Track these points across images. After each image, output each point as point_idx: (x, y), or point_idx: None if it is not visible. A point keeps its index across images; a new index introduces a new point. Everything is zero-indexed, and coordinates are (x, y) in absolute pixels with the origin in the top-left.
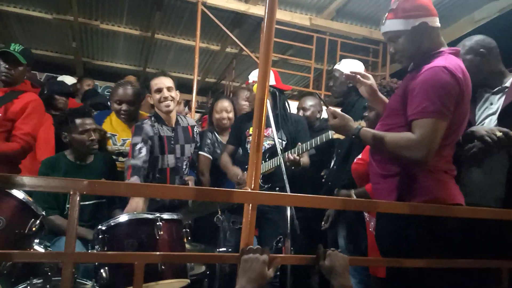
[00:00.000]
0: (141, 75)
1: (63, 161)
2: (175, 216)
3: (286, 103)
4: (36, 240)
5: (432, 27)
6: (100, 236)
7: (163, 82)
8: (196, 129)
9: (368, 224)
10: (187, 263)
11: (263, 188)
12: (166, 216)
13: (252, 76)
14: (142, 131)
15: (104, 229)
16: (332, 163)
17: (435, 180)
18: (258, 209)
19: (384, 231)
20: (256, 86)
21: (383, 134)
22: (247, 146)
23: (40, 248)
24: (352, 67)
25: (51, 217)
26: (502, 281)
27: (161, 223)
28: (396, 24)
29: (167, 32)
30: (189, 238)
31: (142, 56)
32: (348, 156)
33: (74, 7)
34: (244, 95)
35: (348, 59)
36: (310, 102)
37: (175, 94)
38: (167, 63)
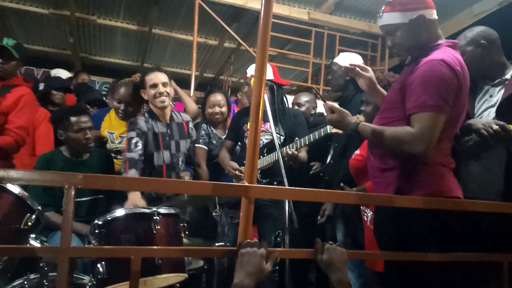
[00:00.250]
0: (138, 70)
1: (59, 157)
2: (172, 211)
3: (284, 98)
4: (32, 235)
5: (429, 20)
6: (97, 231)
7: (158, 78)
8: (191, 124)
9: (365, 218)
10: (184, 258)
11: (261, 183)
12: (163, 210)
13: (250, 70)
14: (136, 126)
15: (101, 223)
16: (329, 157)
17: (433, 173)
18: (256, 204)
19: (383, 225)
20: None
21: (382, 129)
22: (246, 140)
23: (36, 243)
24: (350, 60)
25: (47, 213)
26: (502, 274)
27: (158, 218)
28: (393, 17)
29: (164, 27)
30: (186, 233)
31: (139, 51)
32: (345, 151)
33: (71, 2)
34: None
35: (346, 53)
36: (305, 98)
37: (170, 90)
38: (165, 58)
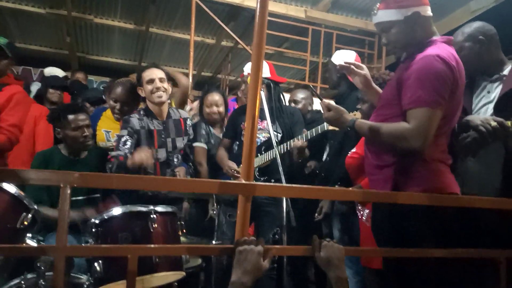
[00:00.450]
0: (136, 69)
1: (57, 155)
2: (169, 209)
3: (282, 96)
4: (28, 235)
5: (424, 17)
6: (94, 230)
7: (155, 73)
8: (189, 121)
9: (360, 216)
10: (182, 256)
11: (259, 181)
12: (160, 208)
13: (247, 68)
14: (128, 124)
15: (98, 222)
16: (325, 155)
17: (430, 169)
18: (255, 202)
19: (381, 222)
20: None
21: (379, 125)
22: (243, 138)
23: (32, 243)
24: (344, 57)
25: (41, 208)
26: (500, 270)
27: (155, 216)
28: (388, 15)
29: (161, 25)
30: (184, 231)
31: (137, 50)
32: (342, 148)
33: (67, 2)
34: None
35: (342, 50)
36: (301, 95)
37: (167, 86)
38: (162, 57)
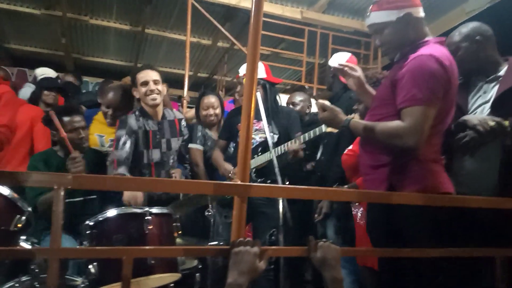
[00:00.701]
0: (132, 70)
1: (54, 157)
2: (164, 210)
3: (277, 97)
4: (22, 237)
5: (416, 18)
6: (88, 232)
7: (149, 75)
8: (184, 122)
9: (355, 215)
10: (178, 257)
11: (256, 183)
12: (155, 210)
13: (242, 69)
14: (126, 124)
15: (92, 224)
16: (319, 154)
17: (425, 169)
18: (251, 203)
19: (375, 222)
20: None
21: (374, 124)
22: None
23: (26, 245)
24: (338, 59)
25: (41, 198)
26: (495, 269)
27: (150, 217)
28: (381, 16)
29: (157, 26)
30: (179, 233)
31: (133, 51)
32: (337, 147)
33: (62, 3)
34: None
35: (339, 53)
36: (299, 97)
37: (161, 88)
38: (158, 58)
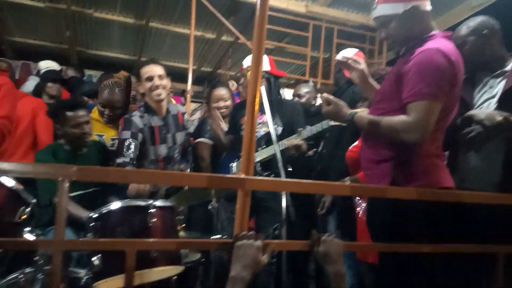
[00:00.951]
0: (136, 64)
1: (61, 150)
2: (168, 203)
3: (281, 89)
4: (27, 229)
5: (423, 11)
6: (92, 224)
7: (154, 70)
8: (186, 115)
9: (358, 211)
10: (181, 250)
11: (262, 176)
12: (159, 203)
13: (246, 61)
14: (131, 125)
15: (96, 216)
16: (320, 146)
17: (428, 164)
18: (255, 197)
19: (376, 216)
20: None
21: (379, 119)
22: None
23: (31, 237)
24: (345, 54)
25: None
26: (498, 265)
27: (154, 210)
28: (387, 9)
29: (161, 20)
30: (183, 226)
31: (137, 45)
32: (339, 141)
33: None
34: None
35: (347, 49)
36: (305, 89)
37: (166, 82)
38: (162, 52)
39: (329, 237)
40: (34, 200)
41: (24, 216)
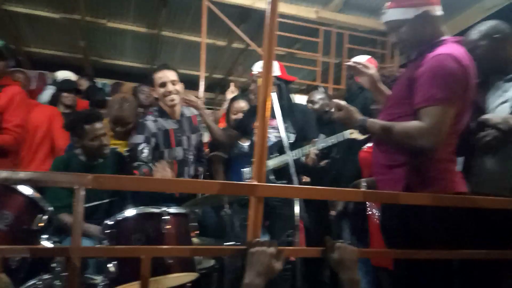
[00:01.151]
0: (148, 73)
1: (75, 160)
2: (182, 210)
3: (291, 95)
4: (44, 236)
5: (434, 16)
6: (107, 231)
7: (167, 76)
8: (199, 117)
9: (371, 215)
10: (195, 257)
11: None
12: (172, 210)
13: (256, 67)
14: (144, 129)
15: (111, 224)
16: (334, 152)
17: (442, 169)
18: (268, 204)
19: (390, 222)
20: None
21: (391, 124)
22: (254, 138)
23: (48, 244)
24: (357, 59)
25: (60, 215)
26: None
27: (167, 217)
28: (398, 13)
29: (173, 29)
30: (196, 232)
31: (149, 53)
32: (352, 146)
33: (81, 6)
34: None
35: (359, 56)
36: (319, 95)
37: (179, 87)
38: (174, 60)
39: (343, 243)
40: (51, 208)
41: (41, 224)
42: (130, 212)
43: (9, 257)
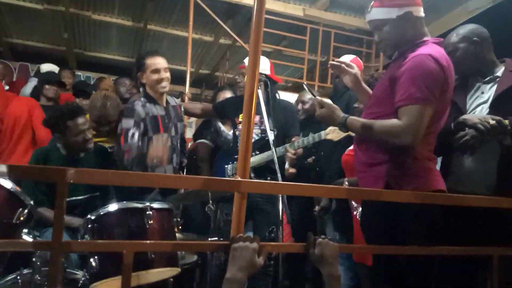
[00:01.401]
0: (133, 66)
1: (56, 154)
2: (165, 205)
3: (277, 94)
4: (24, 230)
5: (416, 17)
6: (90, 226)
7: (160, 63)
8: (182, 108)
9: (355, 213)
10: (178, 252)
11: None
12: (156, 205)
13: (247, 60)
14: (133, 113)
15: (94, 218)
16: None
17: (421, 167)
18: (250, 200)
19: (370, 219)
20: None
21: (371, 122)
22: (238, 133)
23: (28, 238)
24: (343, 59)
25: (39, 209)
26: (492, 267)
27: (151, 212)
28: (381, 13)
29: (159, 23)
30: (180, 228)
31: (135, 47)
32: (336, 144)
33: None
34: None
35: (347, 55)
36: (309, 95)
37: (169, 75)
38: (160, 54)
39: (324, 239)
40: (32, 202)
41: (22, 218)
42: (113, 206)
43: None
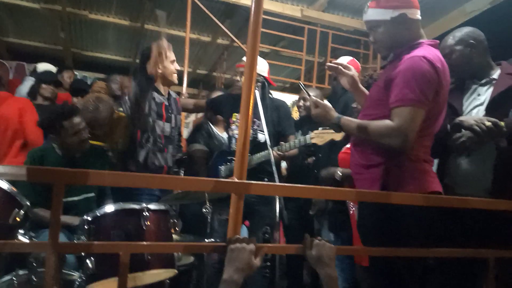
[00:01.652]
0: (131, 66)
1: (52, 155)
2: (162, 207)
3: (270, 95)
4: (20, 231)
5: (411, 19)
6: (86, 227)
7: (173, 55)
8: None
9: (352, 213)
10: (174, 253)
11: None
12: (153, 206)
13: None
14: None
15: (90, 219)
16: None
17: (417, 169)
18: (247, 201)
19: (365, 221)
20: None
21: (366, 123)
22: (231, 133)
23: (24, 239)
24: (340, 60)
25: (36, 210)
26: (488, 269)
27: (148, 214)
28: (376, 14)
29: (157, 22)
30: (177, 229)
31: (132, 47)
32: (334, 145)
33: None
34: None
35: (342, 57)
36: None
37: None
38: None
39: (321, 241)
40: (28, 203)
41: (18, 219)
42: (110, 207)
43: None
